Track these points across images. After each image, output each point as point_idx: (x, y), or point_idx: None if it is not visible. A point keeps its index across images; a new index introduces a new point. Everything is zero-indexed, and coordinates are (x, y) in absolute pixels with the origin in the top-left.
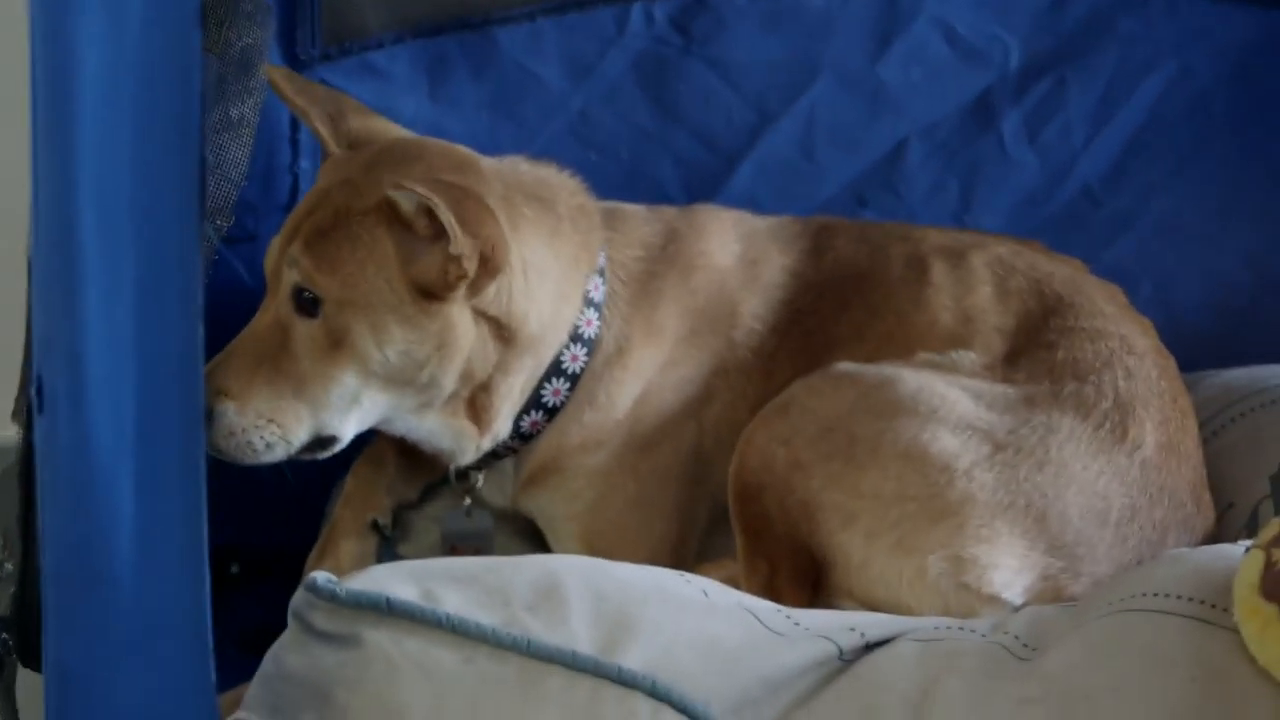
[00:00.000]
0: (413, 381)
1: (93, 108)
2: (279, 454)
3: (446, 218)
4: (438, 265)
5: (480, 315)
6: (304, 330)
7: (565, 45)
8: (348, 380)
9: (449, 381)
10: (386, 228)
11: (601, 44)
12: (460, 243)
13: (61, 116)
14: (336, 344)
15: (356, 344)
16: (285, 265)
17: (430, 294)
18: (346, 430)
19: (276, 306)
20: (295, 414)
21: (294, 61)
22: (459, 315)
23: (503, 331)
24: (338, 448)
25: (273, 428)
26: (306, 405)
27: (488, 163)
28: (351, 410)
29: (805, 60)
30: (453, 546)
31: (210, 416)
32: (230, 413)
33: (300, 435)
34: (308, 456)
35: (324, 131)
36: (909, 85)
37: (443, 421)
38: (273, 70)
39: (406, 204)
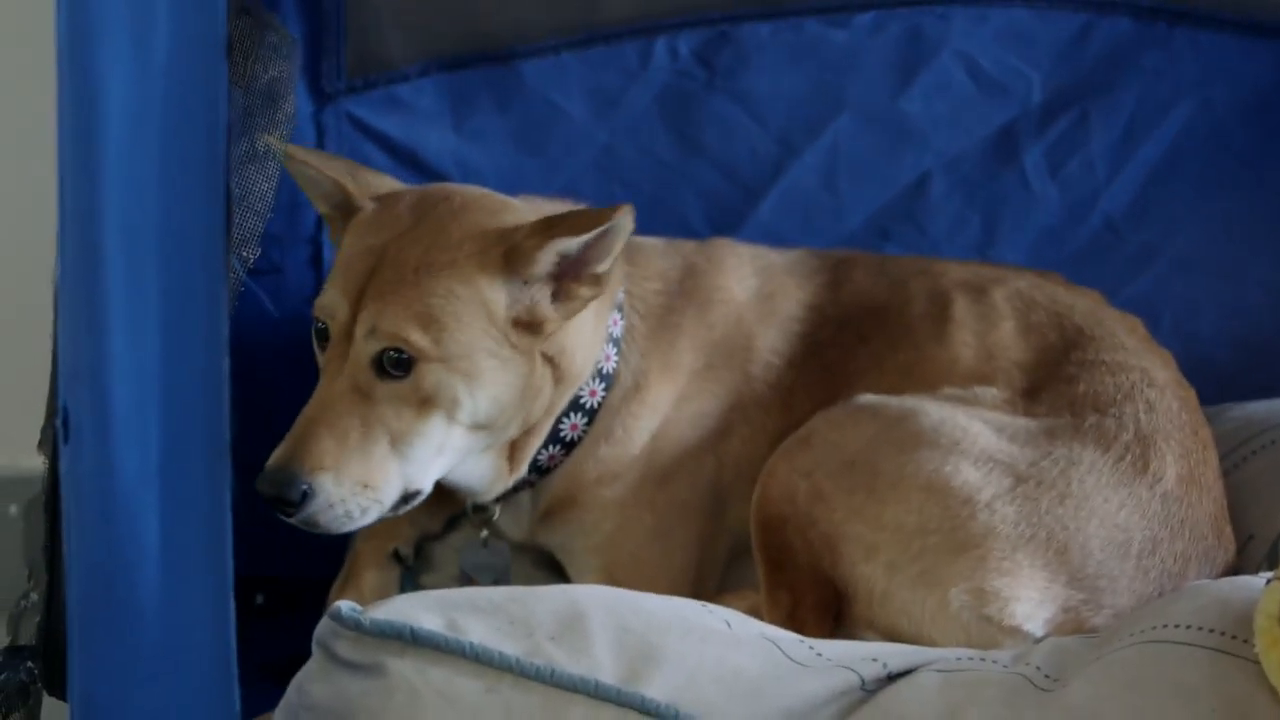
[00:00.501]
0: (492, 426)
1: (119, 140)
2: (372, 517)
3: (619, 237)
4: (546, 296)
5: (543, 355)
6: (389, 391)
7: (589, 79)
8: (435, 434)
9: (520, 424)
10: (489, 274)
11: (625, 78)
12: (614, 258)
13: (88, 148)
14: (427, 400)
15: (447, 396)
16: (362, 335)
17: (529, 333)
18: (430, 482)
19: (353, 373)
20: (386, 475)
21: (319, 94)
22: (538, 356)
23: (556, 370)
24: (421, 500)
25: (368, 493)
26: (396, 464)
27: (516, 202)
28: (436, 461)
29: (828, 94)
30: (470, 579)
31: (308, 493)
32: (329, 485)
33: (392, 495)
34: (393, 515)
35: (351, 187)
36: (932, 119)
37: (488, 462)
38: (282, 145)
39: (549, 252)
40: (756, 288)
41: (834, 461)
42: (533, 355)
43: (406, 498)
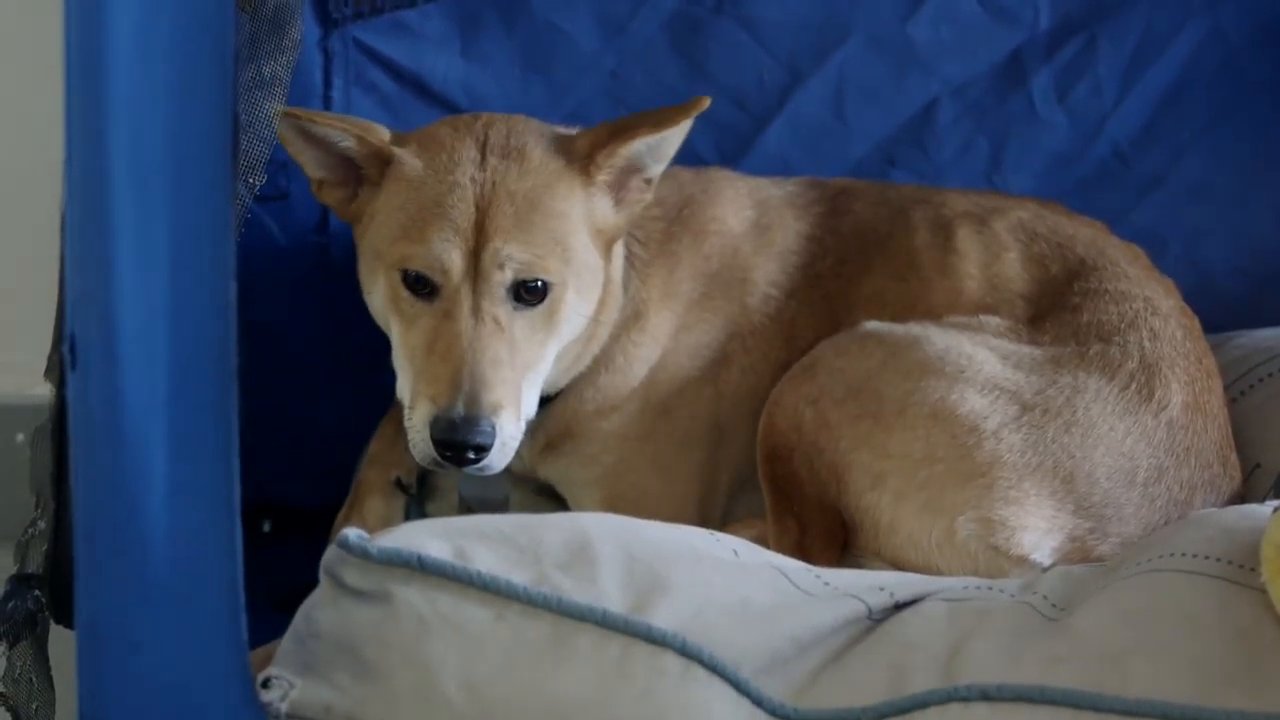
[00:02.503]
0: (571, 342)
1: (126, 67)
2: (516, 447)
3: (679, 137)
4: (609, 202)
5: None
6: (523, 320)
7: (597, 3)
8: (551, 354)
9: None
10: (577, 187)
11: (633, 3)
12: (663, 164)
13: (94, 74)
14: (552, 322)
15: (568, 315)
16: (496, 269)
17: (607, 238)
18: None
19: (489, 308)
20: (529, 405)
21: (326, 20)
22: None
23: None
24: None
25: (519, 425)
26: (529, 392)
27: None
28: (542, 382)
29: (836, 20)
30: (469, 509)
31: (494, 434)
32: (509, 424)
33: (525, 422)
34: None
35: (378, 140)
36: (939, 45)
37: None
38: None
39: (620, 155)
40: (754, 219)
41: (840, 389)
42: (608, 263)
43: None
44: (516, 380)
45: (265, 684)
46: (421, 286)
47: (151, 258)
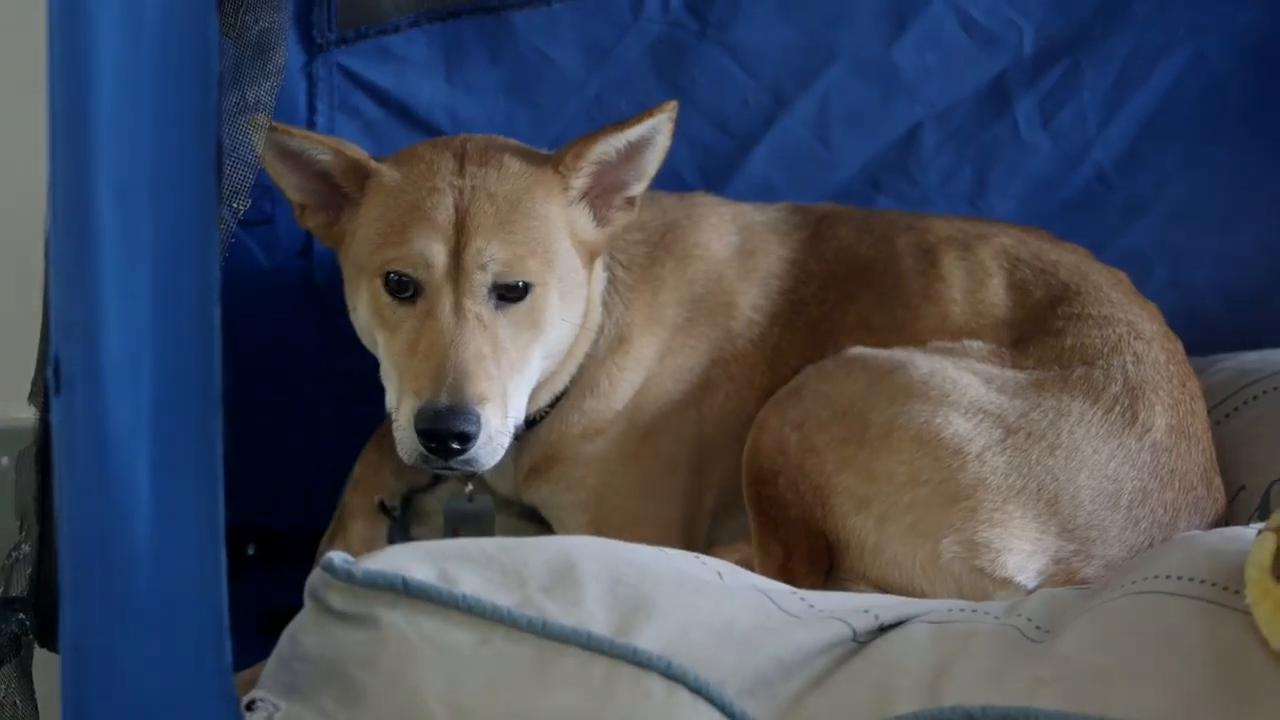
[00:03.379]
0: (556, 354)
1: (110, 91)
2: (503, 450)
3: (657, 150)
4: (589, 219)
5: None
6: (506, 319)
7: (581, 29)
8: (536, 358)
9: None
10: (555, 194)
11: (617, 28)
12: (650, 178)
13: (79, 100)
14: (536, 323)
15: (552, 317)
16: (478, 268)
17: (588, 252)
18: (524, 410)
19: (473, 306)
20: (515, 403)
21: (311, 45)
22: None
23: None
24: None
25: (507, 423)
26: (516, 392)
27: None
28: (530, 388)
29: (820, 44)
30: (454, 530)
31: (479, 425)
32: (495, 418)
33: (514, 425)
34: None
35: (359, 154)
36: (923, 69)
37: None
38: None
39: (590, 155)
40: (737, 245)
41: (825, 413)
42: (590, 278)
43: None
44: (501, 378)
45: (250, 707)
46: (403, 290)
47: (136, 282)
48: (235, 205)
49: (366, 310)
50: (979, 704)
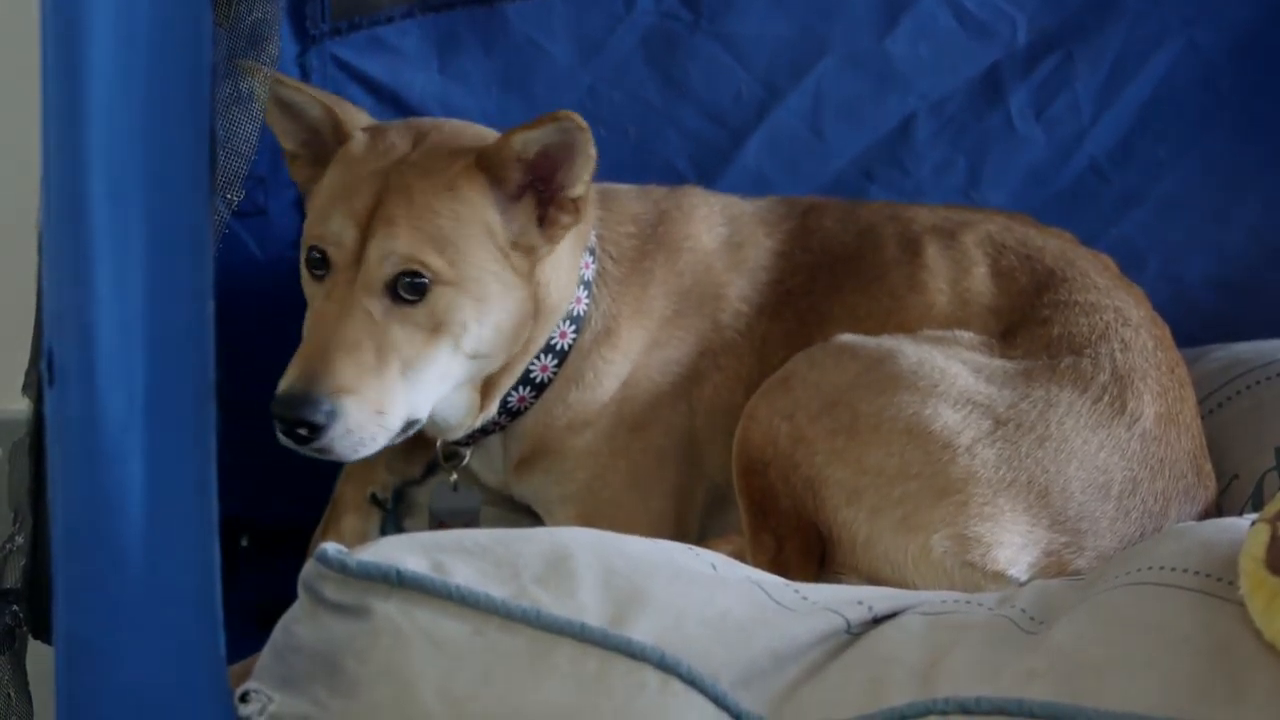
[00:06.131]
0: (489, 355)
1: (103, 83)
2: (380, 444)
3: (587, 152)
4: (532, 221)
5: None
6: (401, 316)
7: (574, 21)
8: (442, 360)
9: (505, 356)
10: (481, 192)
11: (610, 20)
12: (585, 181)
13: (72, 92)
14: (438, 325)
15: (458, 320)
16: (376, 259)
17: (525, 257)
18: (427, 409)
19: (364, 297)
20: (396, 401)
21: (304, 36)
22: (533, 281)
23: (535, 304)
24: (417, 429)
25: (380, 419)
26: (404, 390)
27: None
28: (437, 389)
29: (813, 36)
30: (440, 522)
31: (331, 417)
32: (351, 409)
33: (398, 422)
34: (391, 444)
35: (342, 115)
36: (917, 61)
37: (464, 396)
38: (270, 73)
39: (510, 152)
40: (726, 237)
41: (815, 403)
42: (528, 281)
43: (408, 426)
44: (384, 374)
45: (244, 698)
46: (318, 268)
47: (129, 274)
48: (229, 196)
49: (302, 280)
50: (972, 695)
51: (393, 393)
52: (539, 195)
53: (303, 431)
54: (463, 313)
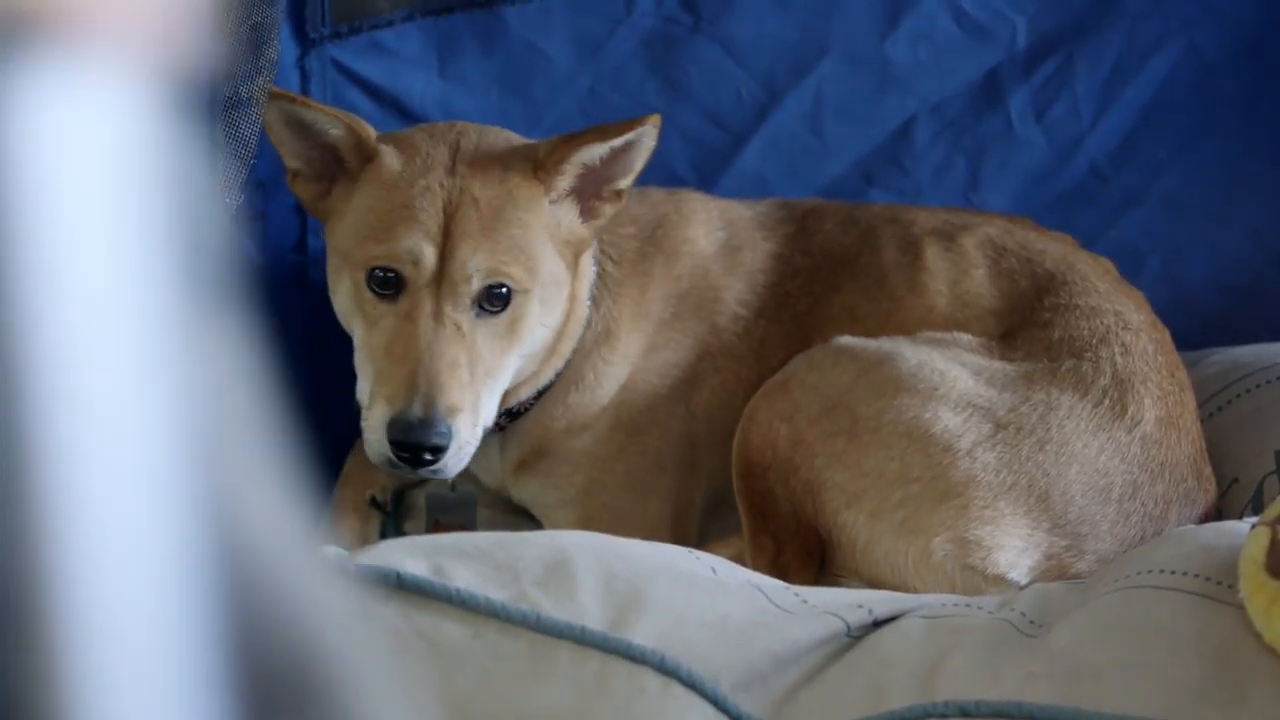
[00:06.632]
0: (538, 354)
1: None
2: (471, 454)
3: (650, 146)
4: (575, 213)
5: None
6: (484, 328)
7: (574, 23)
8: (513, 363)
9: (549, 351)
10: (539, 196)
11: (610, 22)
12: (638, 172)
13: None
14: (513, 332)
15: (531, 325)
16: (463, 275)
17: (572, 249)
18: (495, 414)
19: (452, 313)
20: (486, 412)
21: (303, 39)
22: (575, 275)
23: (574, 299)
24: None
25: (475, 431)
26: (488, 399)
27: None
28: (501, 391)
29: (813, 38)
30: (436, 521)
31: (447, 436)
32: (465, 428)
33: (483, 432)
34: None
35: (366, 133)
36: (917, 63)
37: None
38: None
39: (574, 159)
40: (724, 240)
41: (814, 406)
42: (573, 276)
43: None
44: (475, 386)
45: None
46: (386, 287)
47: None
48: (228, 200)
49: (346, 298)
50: (972, 699)
51: (484, 404)
52: (581, 190)
53: (428, 456)
54: (532, 317)
